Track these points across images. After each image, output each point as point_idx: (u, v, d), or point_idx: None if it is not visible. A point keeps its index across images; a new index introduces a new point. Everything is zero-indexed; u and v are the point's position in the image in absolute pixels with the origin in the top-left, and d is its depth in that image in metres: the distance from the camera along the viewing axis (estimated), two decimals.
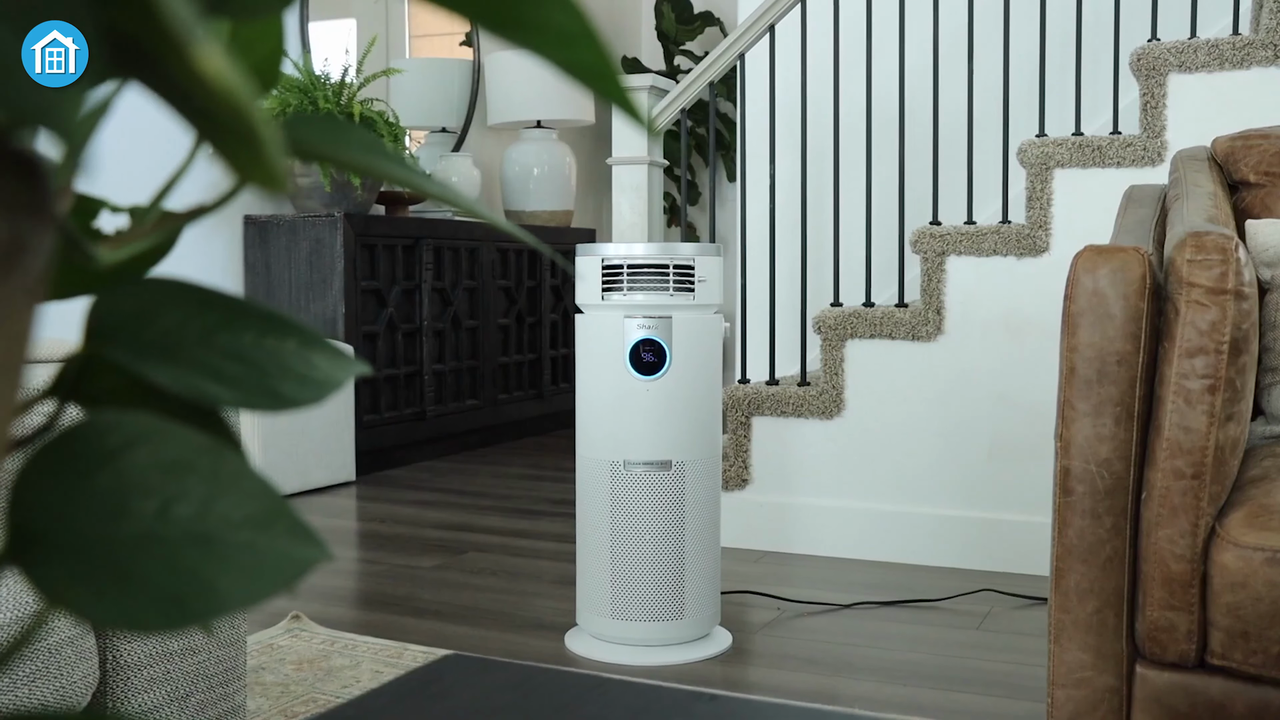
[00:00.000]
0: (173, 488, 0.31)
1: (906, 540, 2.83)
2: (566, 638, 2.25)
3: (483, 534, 3.17)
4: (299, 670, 2.09)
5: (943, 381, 2.82)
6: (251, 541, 0.32)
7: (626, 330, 2.13)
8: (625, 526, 2.14)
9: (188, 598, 0.29)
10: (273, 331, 0.38)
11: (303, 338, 0.39)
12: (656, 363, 2.12)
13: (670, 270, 2.11)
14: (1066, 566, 1.26)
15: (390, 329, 4.17)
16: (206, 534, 0.31)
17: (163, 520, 0.30)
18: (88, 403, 0.34)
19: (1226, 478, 1.25)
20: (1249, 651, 1.17)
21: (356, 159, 0.40)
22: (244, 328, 0.38)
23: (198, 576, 0.30)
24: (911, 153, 3.20)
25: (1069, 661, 1.27)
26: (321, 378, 0.39)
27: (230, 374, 0.36)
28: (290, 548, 0.33)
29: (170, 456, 0.31)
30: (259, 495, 0.34)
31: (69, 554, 0.29)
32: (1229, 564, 1.18)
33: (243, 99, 0.22)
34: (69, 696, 1.06)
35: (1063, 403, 1.31)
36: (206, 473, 0.32)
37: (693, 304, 2.13)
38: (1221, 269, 1.27)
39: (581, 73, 0.26)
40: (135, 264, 0.41)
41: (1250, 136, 1.95)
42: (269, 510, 0.34)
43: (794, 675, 2.06)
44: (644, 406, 2.13)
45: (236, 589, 0.31)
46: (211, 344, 0.37)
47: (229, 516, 0.32)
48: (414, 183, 0.41)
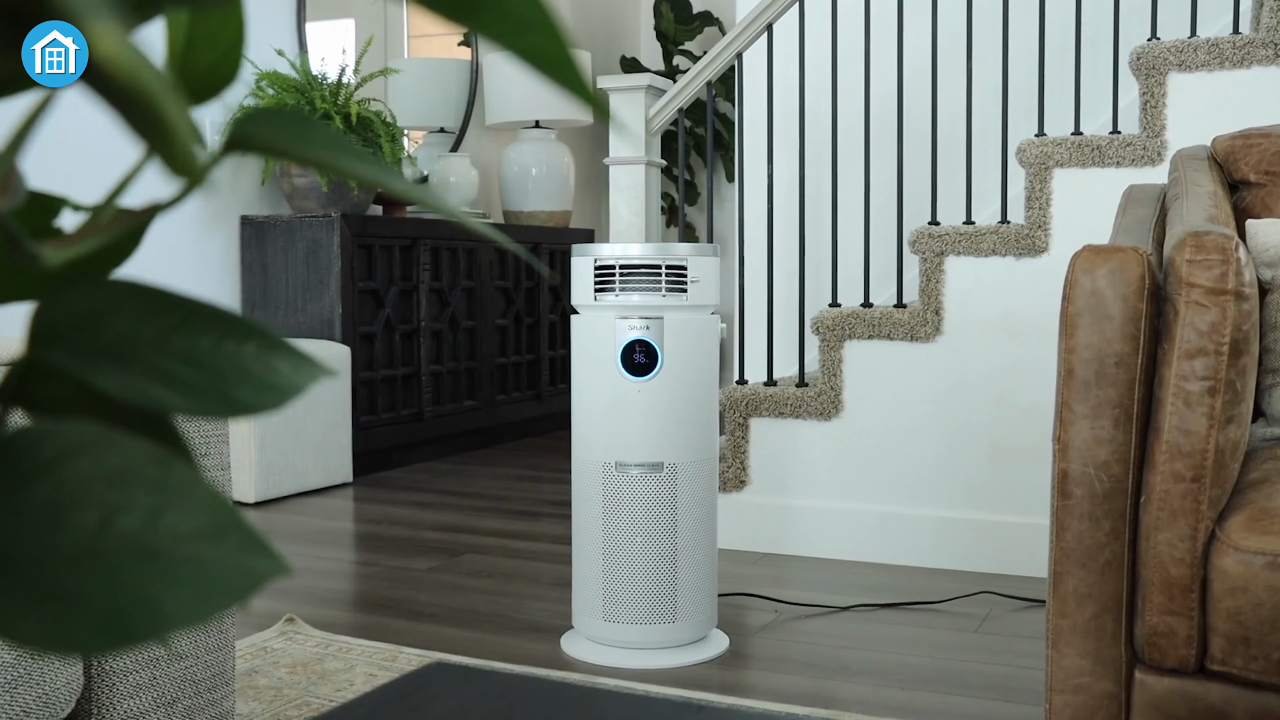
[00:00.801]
0: (116, 499, 0.29)
1: (905, 542, 2.82)
2: (562, 641, 2.23)
3: (480, 536, 3.16)
4: (292, 673, 2.08)
5: (941, 382, 2.80)
6: (201, 555, 0.31)
7: (618, 331, 2.12)
8: (618, 528, 2.13)
9: (128, 616, 0.27)
10: (232, 335, 0.37)
11: (264, 341, 0.38)
12: (648, 364, 2.10)
13: (663, 270, 2.09)
14: (1064, 571, 1.25)
15: (388, 330, 4.16)
16: (152, 548, 0.29)
17: (104, 534, 0.28)
18: (34, 410, 0.33)
19: (1227, 481, 1.23)
20: (1250, 657, 1.16)
21: (319, 156, 0.38)
22: (202, 331, 0.36)
23: (140, 593, 0.28)
24: (910, 152, 3.19)
25: (1067, 667, 1.25)
26: (282, 383, 0.37)
27: (184, 379, 0.34)
28: (243, 561, 0.32)
29: (114, 466, 0.29)
30: (210, 507, 0.32)
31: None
32: (1229, 568, 1.17)
33: (146, 81, 0.21)
34: (52, 704, 1.05)
35: (1060, 405, 1.29)
36: (153, 483, 0.30)
37: (685, 304, 2.11)
38: (1221, 269, 1.26)
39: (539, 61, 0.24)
40: (91, 263, 0.40)
41: (1251, 135, 1.93)
42: (220, 522, 0.32)
43: (791, 678, 2.05)
44: (635, 408, 2.12)
45: (183, 605, 0.30)
46: (166, 348, 0.35)
47: (177, 529, 0.30)
48: (380, 181, 0.40)
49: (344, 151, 0.40)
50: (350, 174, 0.39)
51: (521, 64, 0.26)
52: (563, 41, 0.24)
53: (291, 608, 2.46)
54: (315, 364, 0.39)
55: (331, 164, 0.39)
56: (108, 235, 0.38)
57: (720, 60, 3.03)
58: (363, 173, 0.39)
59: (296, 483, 3.71)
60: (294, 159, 0.38)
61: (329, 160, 0.39)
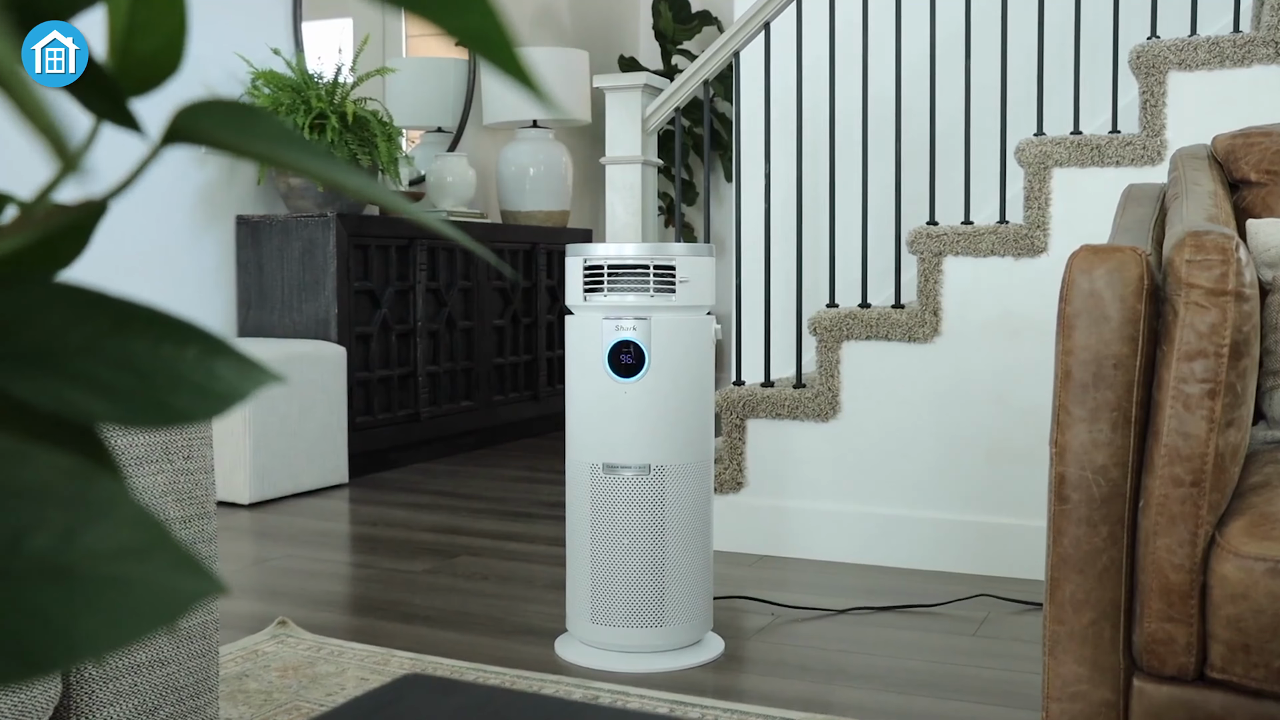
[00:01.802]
0: (26, 517, 0.27)
1: (903, 544, 2.80)
2: (556, 644, 2.21)
3: (475, 537, 3.14)
4: (283, 677, 2.05)
5: (940, 383, 2.78)
6: (123, 575, 0.29)
7: (605, 332, 2.10)
8: (605, 531, 2.11)
9: (32, 643, 0.25)
10: (171, 338, 0.35)
11: (206, 345, 0.36)
12: (635, 365, 2.08)
13: (651, 271, 2.07)
14: (1061, 576, 1.22)
15: (384, 330, 4.13)
16: (65, 569, 0.27)
17: (11, 554, 0.26)
18: None
19: (1227, 485, 1.21)
20: (1250, 665, 1.13)
21: (265, 150, 0.36)
22: (137, 334, 0.34)
23: (48, 618, 0.26)
24: (908, 152, 3.17)
25: (1064, 674, 1.23)
26: (223, 390, 0.35)
27: (113, 385, 0.32)
28: (172, 580, 0.30)
29: (24, 481, 0.27)
30: (135, 523, 0.30)
31: None
32: (1229, 575, 1.15)
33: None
34: (28, 711, 1.03)
35: (1058, 407, 1.27)
36: (69, 499, 0.28)
37: (673, 305, 2.08)
38: (1221, 269, 1.24)
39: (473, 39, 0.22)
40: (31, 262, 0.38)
41: (1251, 134, 1.91)
42: (146, 539, 0.30)
43: (786, 682, 2.02)
44: (622, 409, 2.10)
45: (99, 630, 0.28)
46: (97, 352, 0.33)
47: (95, 548, 0.28)
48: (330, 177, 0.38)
49: (292, 146, 0.38)
50: (298, 169, 0.37)
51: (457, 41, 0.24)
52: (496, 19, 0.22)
53: (284, 610, 2.44)
54: (262, 369, 0.36)
55: (278, 158, 0.37)
56: (39, 231, 0.36)
57: (717, 59, 3.01)
58: (311, 168, 0.37)
59: (291, 484, 3.69)
60: (237, 152, 0.36)
61: (275, 155, 0.37)
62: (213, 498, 1.27)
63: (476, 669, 2.07)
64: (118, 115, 0.38)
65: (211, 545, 1.28)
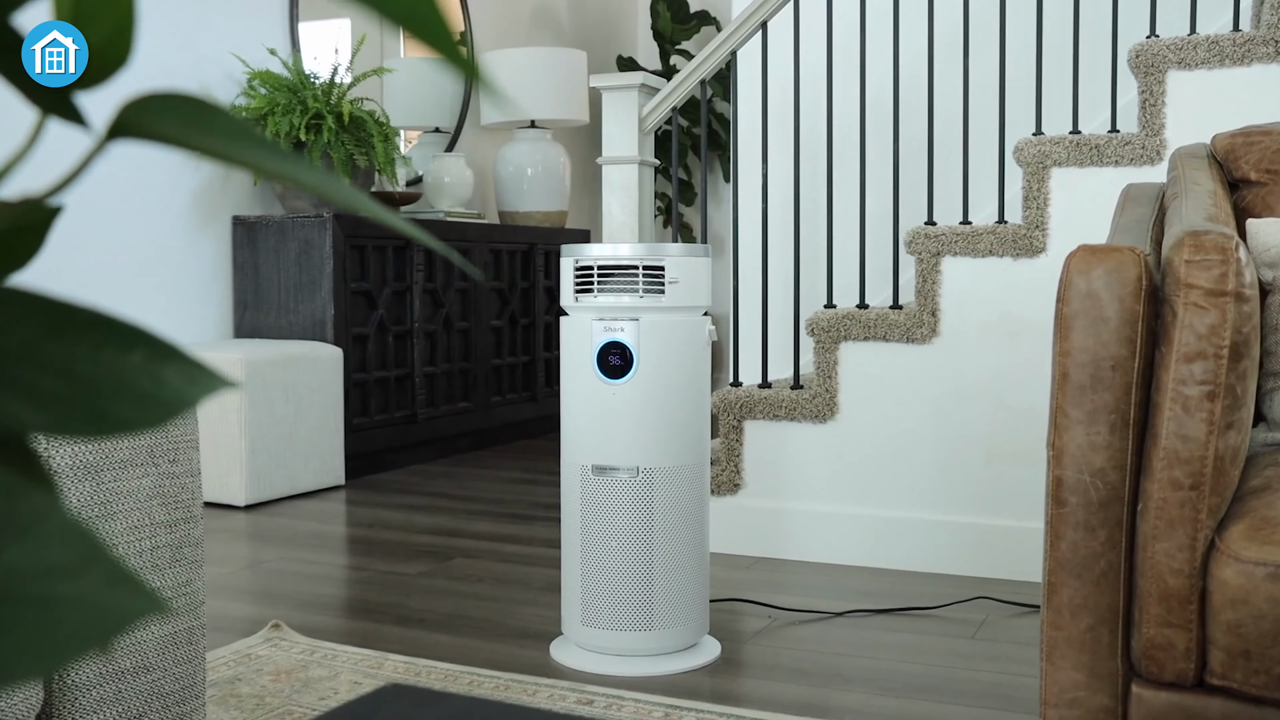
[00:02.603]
0: None
1: (901, 546, 2.78)
2: (551, 647, 2.20)
3: (472, 539, 3.12)
4: (276, 681, 2.04)
5: (938, 384, 2.76)
6: (52, 594, 0.27)
7: (594, 333, 2.09)
8: (595, 533, 2.10)
9: None
10: (113, 342, 0.33)
11: (152, 350, 0.34)
12: (623, 366, 2.06)
13: (640, 271, 2.05)
14: (1059, 581, 1.21)
15: (381, 331, 4.12)
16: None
17: None
18: None
19: (1226, 488, 1.19)
20: (1250, 671, 1.12)
21: (215, 146, 0.35)
22: (78, 338, 0.33)
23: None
24: (906, 152, 3.15)
25: (1061, 681, 1.21)
26: (170, 397, 0.33)
27: (48, 392, 0.30)
28: (107, 598, 0.28)
29: None
30: (67, 539, 0.28)
31: None
32: (1229, 579, 1.13)
33: None
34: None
35: (1055, 410, 1.25)
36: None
37: (662, 306, 2.07)
38: (1221, 270, 1.22)
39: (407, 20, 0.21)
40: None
41: (1251, 133, 1.89)
42: (80, 556, 0.28)
43: (783, 686, 2.01)
44: (611, 411, 2.09)
45: (23, 653, 0.26)
46: (34, 357, 0.31)
47: (21, 566, 0.27)
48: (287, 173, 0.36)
49: (247, 141, 0.36)
50: (251, 165, 0.35)
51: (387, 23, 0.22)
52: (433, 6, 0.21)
53: (278, 613, 2.42)
54: (212, 375, 0.35)
55: (230, 155, 0.35)
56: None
57: (714, 59, 3.00)
58: (266, 164, 0.35)
59: (288, 485, 3.67)
60: (186, 148, 0.35)
61: (227, 151, 0.35)
62: (199, 502, 1.25)
63: (470, 673, 2.06)
64: (62, 109, 0.36)
65: (198, 549, 1.26)
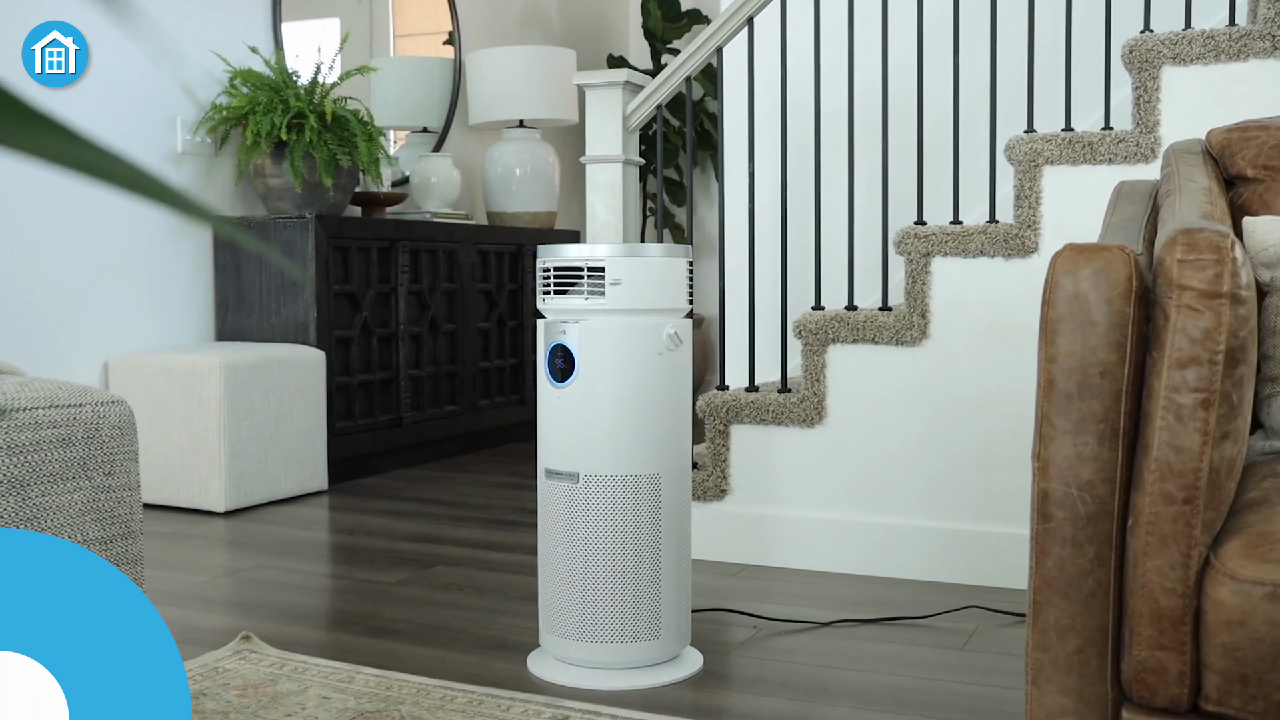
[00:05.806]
0: None
1: (890, 553, 2.72)
2: (529, 659, 2.13)
3: (455, 546, 3.06)
4: (242, 696, 1.97)
5: (928, 388, 2.70)
6: None
7: (547, 335, 2.07)
8: (549, 539, 2.09)
9: None
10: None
11: None
12: (566, 369, 2.04)
13: (585, 273, 2.01)
14: (1045, 600, 1.14)
15: (365, 333, 4.05)
16: None
17: None
18: None
19: (1222, 502, 1.13)
20: (1248, 697, 1.05)
21: (32, 146, 0.29)
22: None
23: None
24: (895, 150, 3.09)
25: (1048, 705, 1.15)
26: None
27: None
28: None
29: None
30: None
31: None
32: (1225, 599, 1.07)
33: None
34: None
35: (1040, 419, 1.19)
36: None
37: (603, 308, 2.01)
38: (1216, 270, 1.16)
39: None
40: None
41: (1248, 128, 1.83)
42: None
43: (767, 700, 1.95)
44: (558, 414, 2.07)
45: None
46: None
47: None
48: (107, 169, 0.30)
49: (30, 124, 0.30)
50: (70, 163, 0.29)
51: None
52: None
53: (250, 624, 2.36)
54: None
55: (40, 153, 0.29)
56: None
57: (699, 55, 2.93)
58: (44, 150, 0.29)
59: (269, 491, 3.60)
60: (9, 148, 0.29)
61: (38, 150, 0.29)
62: (138, 516, 1.19)
63: (444, 687, 1.99)
64: None
65: (136, 567, 1.20)
